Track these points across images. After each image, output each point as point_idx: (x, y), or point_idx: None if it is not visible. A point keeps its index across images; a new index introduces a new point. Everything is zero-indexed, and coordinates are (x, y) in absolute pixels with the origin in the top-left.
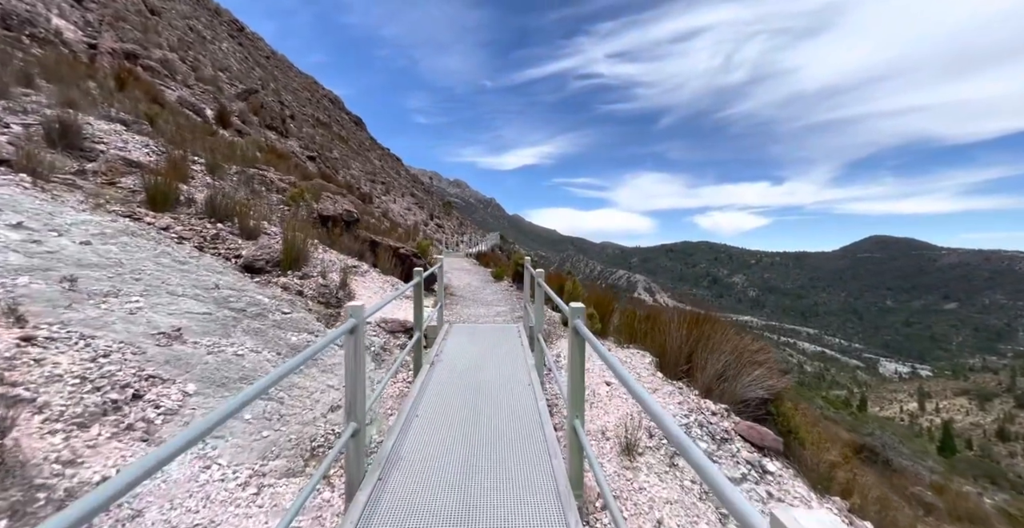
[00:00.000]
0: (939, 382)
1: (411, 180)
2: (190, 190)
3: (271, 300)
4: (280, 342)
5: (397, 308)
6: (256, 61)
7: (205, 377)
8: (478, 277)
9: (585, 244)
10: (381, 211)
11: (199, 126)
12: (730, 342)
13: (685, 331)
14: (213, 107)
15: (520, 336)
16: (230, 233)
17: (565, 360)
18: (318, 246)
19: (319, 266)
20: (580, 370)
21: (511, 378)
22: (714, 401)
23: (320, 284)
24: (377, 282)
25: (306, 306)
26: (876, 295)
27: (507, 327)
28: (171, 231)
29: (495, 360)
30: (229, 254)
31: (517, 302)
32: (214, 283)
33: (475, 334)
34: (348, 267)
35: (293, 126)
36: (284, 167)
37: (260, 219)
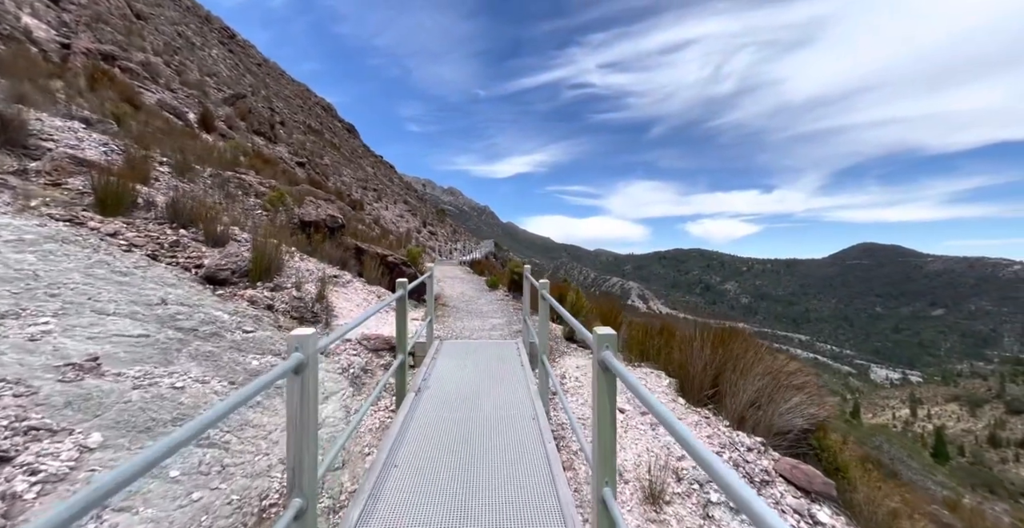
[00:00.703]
0: (930, 388)
1: (404, 187)
2: (150, 193)
3: (232, 316)
4: (236, 368)
5: (382, 322)
6: (247, 68)
7: (122, 421)
8: (472, 286)
9: (579, 251)
10: (372, 218)
11: (177, 129)
12: (762, 363)
13: (710, 350)
14: (197, 111)
15: (520, 354)
16: (193, 239)
17: (570, 381)
18: (295, 254)
19: (294, 276)
20: (610, 419)
21: (511, 410)
22: (747, 433)
23: (294, 296)
24: (361, 293)
25: (275, 322)
26: (865, 301)
27: (504, 344)
28: (119, 238)
29: (492, 385)
30: (189, 264)
31: (514, 313)
32: (160, 298)
33: (469, 352)
34: (328, 277)
35: (283, 132)
36: (270, 172)
37: (231, 224)
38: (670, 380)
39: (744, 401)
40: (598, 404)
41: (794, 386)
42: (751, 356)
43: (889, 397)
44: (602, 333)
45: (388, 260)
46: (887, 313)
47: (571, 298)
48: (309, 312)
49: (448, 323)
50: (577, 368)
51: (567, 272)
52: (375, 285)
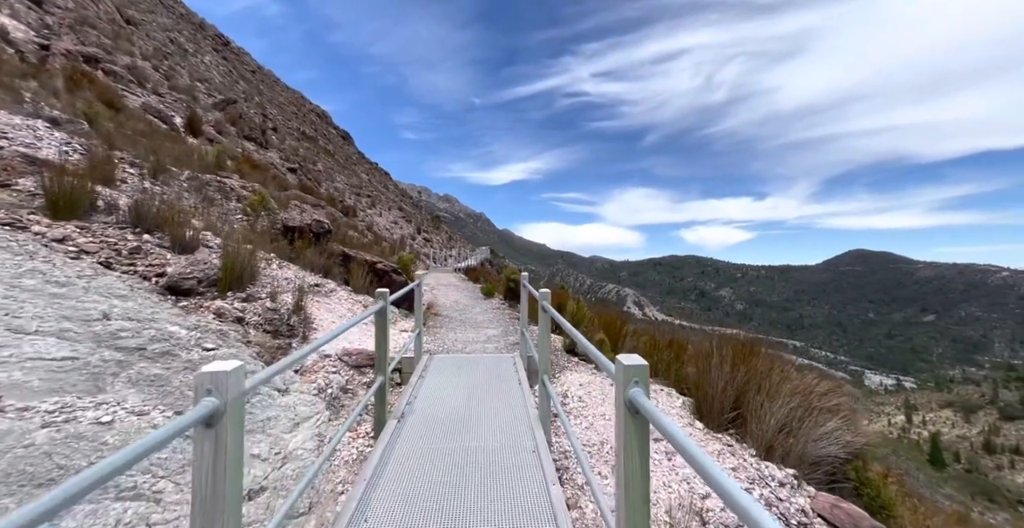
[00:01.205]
0: (924, 394)
1: (399, 194)
2: (113, 195)
3: (191, 332)
4: (189, 393)
5: (367, 335)
6: (240, 74)
7: (15, 473)
8: (466, 294)
9: (575, 258)
10: (365, 224)
11: (160, 132)
12: (790, 382)
13: (729, 367)
14: (184, 115)
15: (517, 370)
16: (158, 246)
17: (573, 401)
18: (273, 261)
19: (270, 285)
20: (641, 474)
21: (509, 439)
22: (777, 463)
23: (268, 308)
24: (345, 303)
25: (244, 337)
26: (858, 308)
27: (500, 358)
28: (68, 243)
29: (487, 408)
30: (149, 272)
31: (510, 323)
32: (102, 312)
33: (461, 368)
34: (309, 286)
35: (275, 138)
36: (259, 177)
37: (204, 229)
38: (683, 399)
39: (772, 427)
40: (626, 454)
41: (827, 409)
42: (777, 375)
43: (884, 403)
44: (630, 364)
45: (377, 267)
46: (880, 319)
47: (571, 308)
48: (284, 325)
49: (440, 335)
50: (580, 386)
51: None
52: (362, 294)
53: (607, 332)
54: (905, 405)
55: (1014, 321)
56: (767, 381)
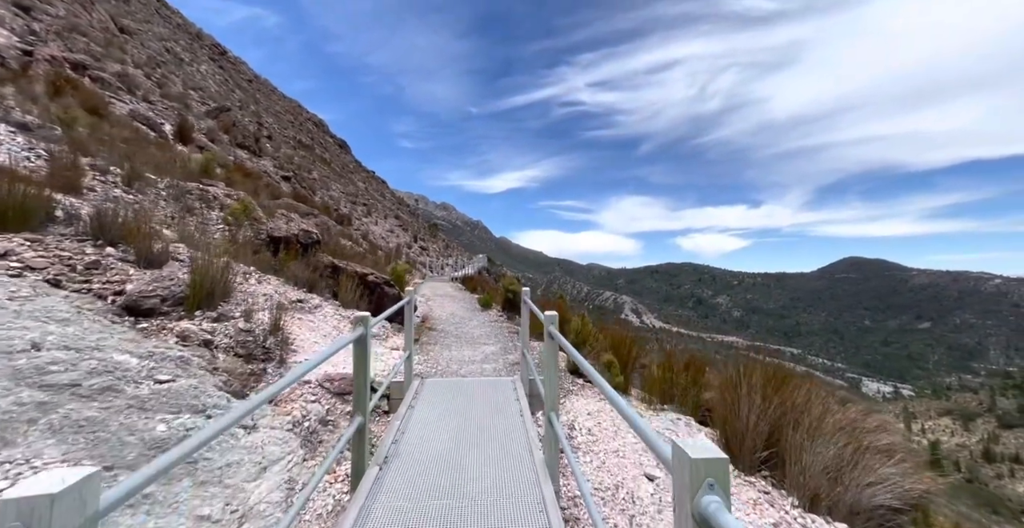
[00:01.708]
0: (923, 402)
1: (396, 202)
2: (76, 204)
3: (143, 361)
4: (129, 438)
5: None
6: (237, 83)
7: None
8: (463, 305)
9: (572, 266)
10: (361, 233)
11: (147, 139)
12: (832, 416)
13: (760, 398)
14: (174, 123)
15: (518, 398)
16: (121, 260)
17: (581, 433)
18: (252, 275)
19: (245, 303)
20: None
21: (510, 495)
22: (824, 516)
23: (240, 329)
24: (331, 320)
25: (210, 364)
26: (854, 315)
27: (499, 383)
28: (11, 259)
29: (484, 451)
30: (106, 290)
31: (509, 338)
32: (31, 341)
33: (456, 395)
34: (291, 302)
35: (269, 146)
36: (250, 185)
37: (177, 241)
38: (706, 431)
39: (816, 471)
40: None
41: (879, 449)
42: (817, 407)
43: (882, 411)
44: (702, 457)
45: (368, 280)
46: (875, 326)
47: (576, 325)
48: (259, 348)
49: (434, 353)
50: (588, 415)
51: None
52: (351, 309)
53: (616, 352)
54: (904, 413)
55: (1008, 328)
56: (806, 415)
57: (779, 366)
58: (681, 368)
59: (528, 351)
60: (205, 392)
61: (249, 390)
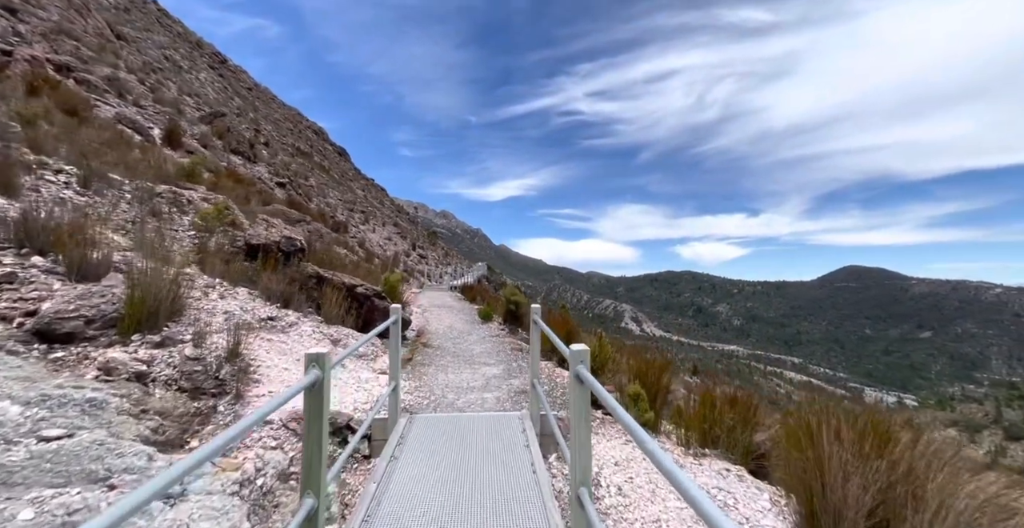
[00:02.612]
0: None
1: (395, 210)
2: (3, 205)
3: (31, 408)
4: None
5: (337, 380)
6: (236, 91)
7: None
8: (462, 317)
9: (571, 274)
10: (357, 240)
11: (131, 142)
12: (964, 486)
13: (852, 455)
14: (164, 127)
15: (527, 441)
16: (47, 272)
17: (610, 492)
18: (216, 288)
19: (200, 323)
20: None
21: None
22: None
23: (188, 356)
24: (309, 340)
25: (137, 405)
26: (855, 324)
27: (503, 421)
28: None
29: (486, 520)
30: (14, 311)
31: (513, 357)
32: None
33: (451, 440)
34: (260, 320)
35: (265, 153)
36: (241, 191)
37: (126, 249)
38: (771, 491)
39: None
40: None
41: None
42: (943, 475)
43: None
44: None
45: (357, 291)
46: (876, 335)
47: (592, 346)
48: (211, 379)
49: (428, 376)
50: (616, 465)
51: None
52: (336, 324)
53: (643, 381)
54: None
55: (1010, 338)
56: (929, 484)
57: (872, 411)
58: (726, 401)
59: (538, 380)
60: (116, 449)
61: (191, 436)
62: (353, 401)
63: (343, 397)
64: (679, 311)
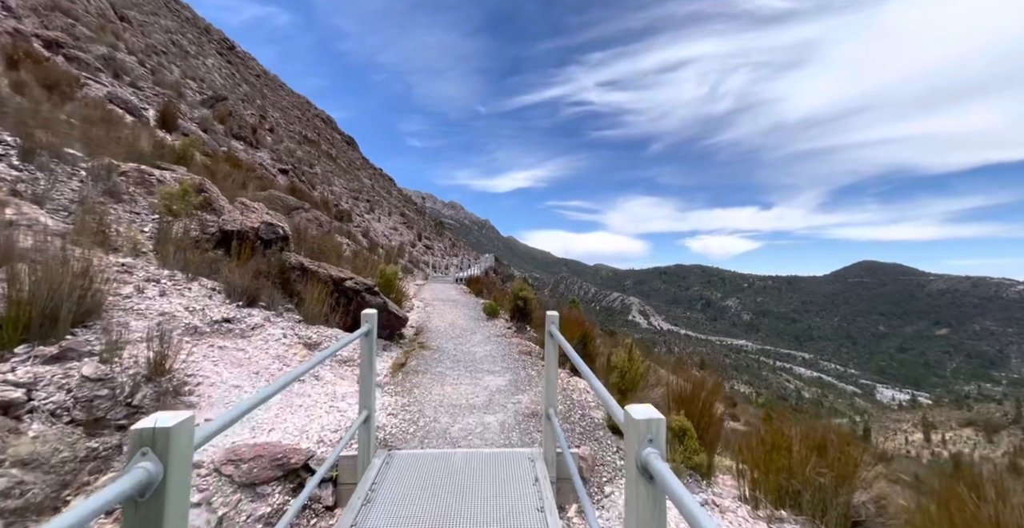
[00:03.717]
0: (942, 411)
1: (403, 200)
2: None
3: None
4: None
5: (293, 402)
6: (244, 78)
7: None
8: (466, 312)
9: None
10: (361, 230)
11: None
12: None
13: None
14: (159, 109)
15: (542, 497)
16: None
17: None
18: (160, 282)
19: (125, 327)
20: None
21: None
22: None
23: (87, 376)
24: (275, 347)
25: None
26: (869, 320)
27: (510, 459)
28: None
29: None
30: None
31: (520, 363)
32: None
33: (439, 488)
34: (212, 322)
35: (269, 139)
36: (239, 177)
37: (52, 232)
38: None
39: None
40: None
41: None
42: None
43: (900, 420)
44: None
45: (346, 285)
46: (891, 332)
47: (619, 360)
48: (120, 406)
49: (421, 389)
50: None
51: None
52: (318, 325)
53: (687, 407)
54: (923, 423)
55: None
56: None
57: None
58: (815, 445)
59: (554, 409)
60: None
61: (76, 490)
62: (320, 428)
63: (306, 423)
64: (687, 305)
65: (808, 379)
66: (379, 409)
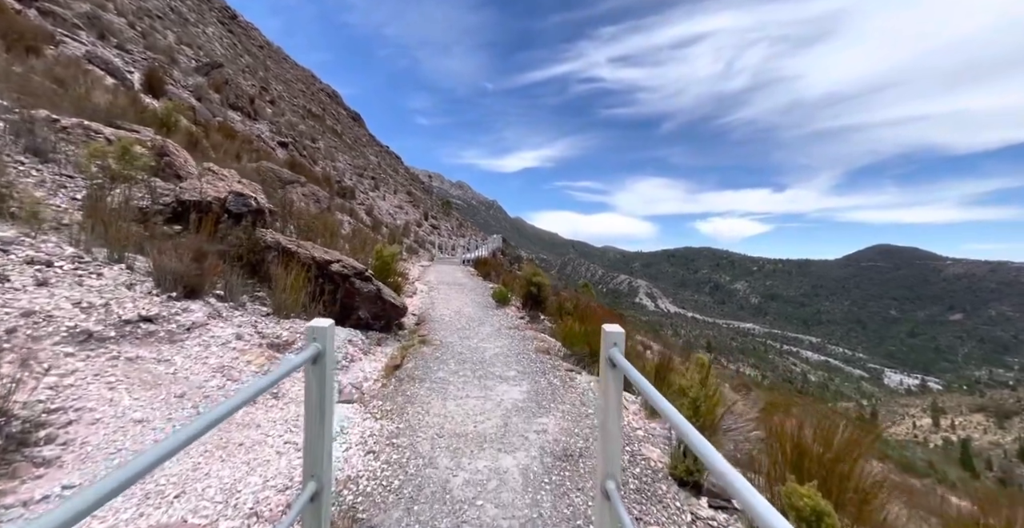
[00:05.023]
0: (952, 397)
1: (409, 178)
2: None
3: None
4: None
5: (231, 438)
6: (246, 48)
7: None
8: (474, 297)
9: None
10: (365, 208)
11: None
12: None
13: None
14: (146, 73)
15: None
16: None
17: None
18: (29, 269)
19: None
20: None
21: None
22: None
23: None
24: (219, 354)
25: None
26: (880, 305)
27: None
28: None
29: None
30: None
31: (539, 365)
32: None
33: None
34: (121, 323)
35: (270, 110)
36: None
37: None
38: None
39: None
40: None
41: None
42: None
43: (908, 405)
44: None
45: (331, 270)
46: (902, 317)
47: (691, 385)
48: None
49: (416, 405)
50: None
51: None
52: (293, 318)
53: (822, 476)
54: (932, 408)
55: None
56: None
57: None
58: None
59: (616, 483)
60: None
61: None
62: (261, 485)
63: (241, 477)
64: (695, 288)
65: (815, 363)
66: (357, 443)
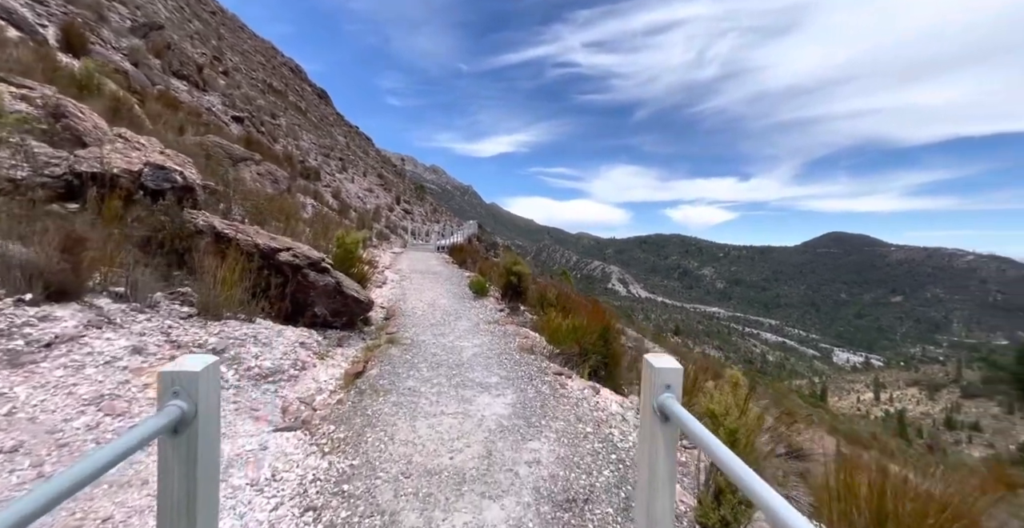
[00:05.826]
0: (892, 373)
1: (380, 161)
2: None
3: None
4: None
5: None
6: (195, 13)
7: None
8: (449, 288)
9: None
10: (332, 190)
11: None
12: None
13: None
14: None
15: None
16: None
17: None
18: None
19: None
20: None
21: None
22: None
23: None
24: (88, 385)
25: None
26: (832, 288)
27: None
28: None
29: None
30: None
31: (525, 368)
32: None
33: None
34: None
35: (222, 82)
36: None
37: None
38: None
39: None
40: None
41: None
42: None
43: (854, 381)
44: None
45: (279, 259)
46: (851, 299)
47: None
48: None
49: (378, 428)
50: None
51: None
52: (229, 319)
53: None
54: (874, 383)
55: (973, 303)
56: None
57: None
58: None
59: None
60: None
61: None
62: None
63: None
64: (665, 273)
65: (773, 344)
66: (294, 494)
